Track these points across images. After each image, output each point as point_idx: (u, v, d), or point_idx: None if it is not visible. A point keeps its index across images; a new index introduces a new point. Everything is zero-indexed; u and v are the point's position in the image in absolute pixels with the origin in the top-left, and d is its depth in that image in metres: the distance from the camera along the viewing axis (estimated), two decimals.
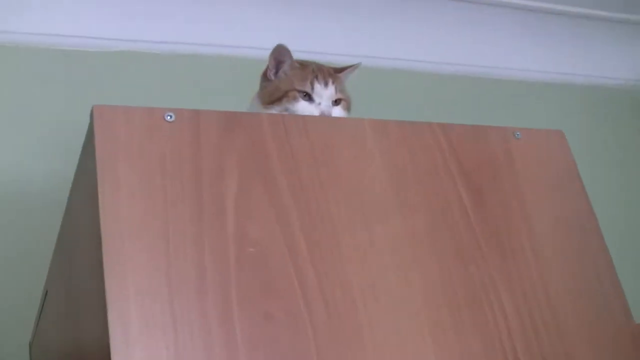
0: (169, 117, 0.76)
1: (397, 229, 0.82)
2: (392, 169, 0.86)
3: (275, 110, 1.01)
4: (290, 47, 1.03)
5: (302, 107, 1.01)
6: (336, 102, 1.05)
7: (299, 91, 1.02)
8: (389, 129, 0.89)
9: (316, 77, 1.03)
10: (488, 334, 0.80)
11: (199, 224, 0.72)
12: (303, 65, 1.07)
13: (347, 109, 1.07)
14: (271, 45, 1.03)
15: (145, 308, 0.66)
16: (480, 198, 0.90)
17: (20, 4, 1.43)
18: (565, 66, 1.96)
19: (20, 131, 1.39)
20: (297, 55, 1.05)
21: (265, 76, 1.08)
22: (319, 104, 1.02)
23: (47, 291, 1.03)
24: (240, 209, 0.75)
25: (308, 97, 1.02)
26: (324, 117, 0.98)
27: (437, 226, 0.85)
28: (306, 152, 0.82)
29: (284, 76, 1.05)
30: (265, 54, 1.04)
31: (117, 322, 0.64)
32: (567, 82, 1.97)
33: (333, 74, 1.07)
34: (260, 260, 0.73)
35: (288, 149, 0.81)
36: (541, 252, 0.90)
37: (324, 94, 1.03)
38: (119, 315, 0.64)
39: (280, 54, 1.04)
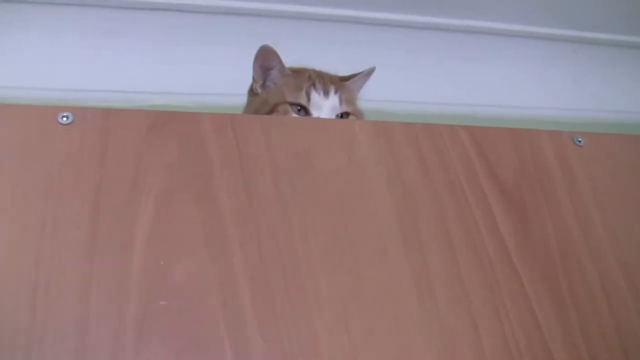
0: (64, 119, 0.55)
1: (398, 272, 0.56)
2: (392, 185, 0.60)
3: None
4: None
5: None
6: (341, 117, 0.81)
7: (292, 104, 0.79)
8: (390, 131, 0.64)
9: (313, 85, 0.80)
10: None
11: (89, 261, 0.49)
12: (297, 72, 0.85)
13: None
14: None
15: None
16: (525, 224, 0.62)
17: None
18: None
19: None
20: None
21: (252, 91, 0.87)
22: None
23: None
24: (155, 240, 0.52)
25: (304, 110, 0.79)
26: (295, 118, 0.74)
27: (459, 265, 0.57)
28: (263, 161, 0.58)
29: (273, 86, 0.83)
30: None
31: None
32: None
33: (337, 81, 0.84)
34: (179, 317, 0.49)
35: (236, 157, 0.57)
36: (618, 296, 0.59)
37: (324, 105, 0.79)
38: None
39: (265, 59, 0.82)
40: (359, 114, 0.85)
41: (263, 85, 0.85)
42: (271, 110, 0.80)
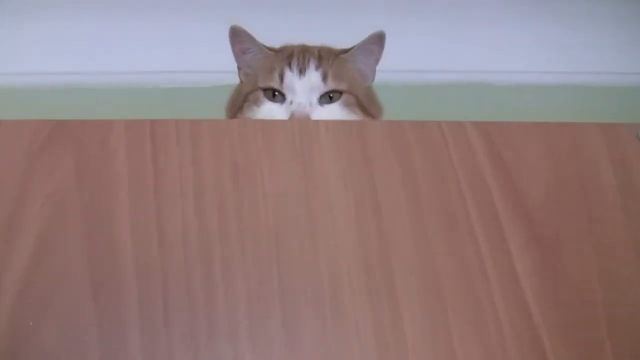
0: None
1: (356, 327, 0.40)
2: (361, 210, 0.45)
3: None
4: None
5: (267, 112, 0.64)
6: (331, 98, 0.65)
7: (265, 89, 0.65)
8: (367, 132, 0.48)
9: (289, 63, 0.65)
10: None
11: None
12: (279, 51, 0.69)
13: (358, 108, 0.66)
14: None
15: None
16: (556, 262, 0.44)
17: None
18: None
19: None
20: None
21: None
22: (291, 102, 0.64)
23: None
24: (27, 293, 0.40)
25: (280, 96, 0.65)
26: (237, 121, 0.59)
27: (448, 322, 0.41)
28: (186, 181, 0.44)
29: (250, 72, 0.69)
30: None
31: None
32: None
33: (328, 55, 0.67)
34: None
35: (150, 176, 0.44)
36: None
37: (297, 86, 0.64)
38: None
39: (239, 41, 0.68)
40: (359, 93, 0.67)
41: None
42: (243, 101, 0.66)
